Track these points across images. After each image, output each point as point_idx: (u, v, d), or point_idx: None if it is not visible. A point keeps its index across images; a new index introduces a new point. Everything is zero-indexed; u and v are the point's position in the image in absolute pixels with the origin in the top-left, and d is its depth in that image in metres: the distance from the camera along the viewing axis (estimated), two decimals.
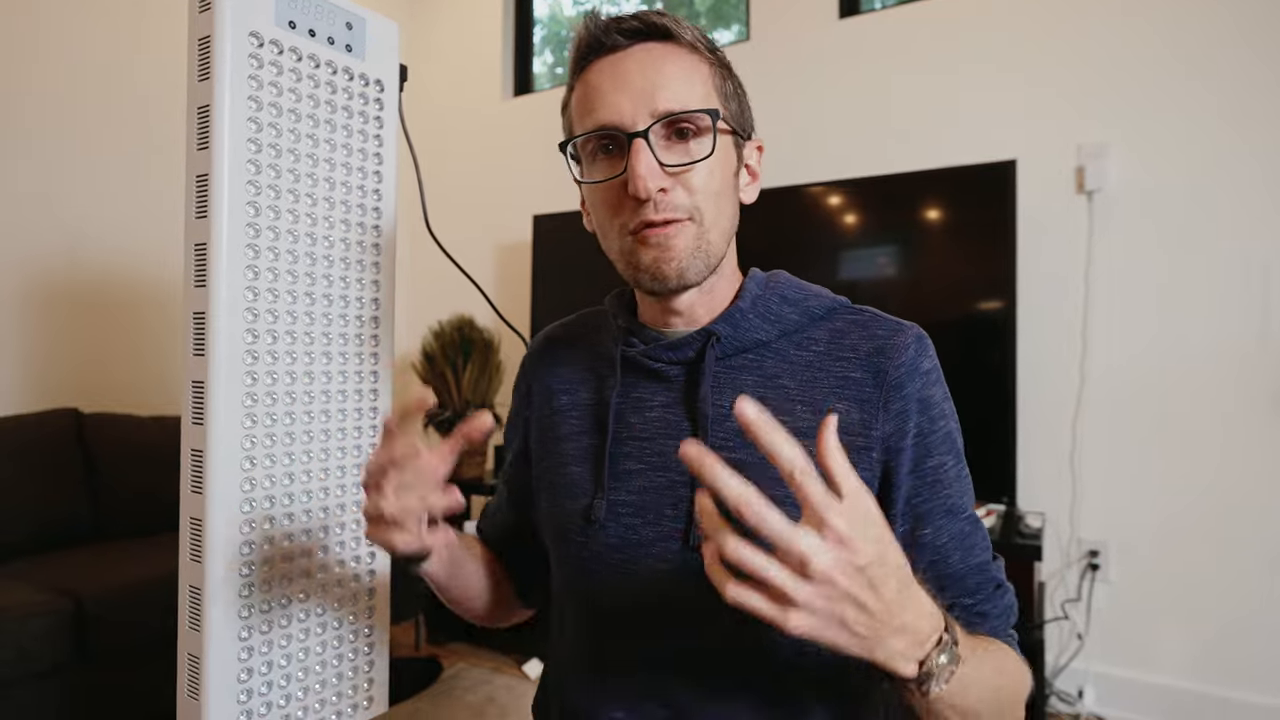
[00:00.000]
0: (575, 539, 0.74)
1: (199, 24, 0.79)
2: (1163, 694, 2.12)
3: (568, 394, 0.80)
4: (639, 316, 0.78)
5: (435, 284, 3.20)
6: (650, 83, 0.65)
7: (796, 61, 2.73)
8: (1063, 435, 2.26)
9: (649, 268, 0.67)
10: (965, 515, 0.71)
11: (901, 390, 0.68)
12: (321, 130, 0.88)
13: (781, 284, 0.75)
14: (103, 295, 2.58)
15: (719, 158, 0.67)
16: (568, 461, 0.77)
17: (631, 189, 0.64)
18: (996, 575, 0.72)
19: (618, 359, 0.75)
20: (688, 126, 0.66)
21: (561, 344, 0.85)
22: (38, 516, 2.13)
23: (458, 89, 3.57)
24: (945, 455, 0.69)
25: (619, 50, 0.67)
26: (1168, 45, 2.16)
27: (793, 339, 0.72)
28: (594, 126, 0.67)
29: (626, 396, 0.75)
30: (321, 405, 0.89)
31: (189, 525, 0.80)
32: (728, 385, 0.71)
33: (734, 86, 0.72)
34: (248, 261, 0.80)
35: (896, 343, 0.69)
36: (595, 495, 0.73)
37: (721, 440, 0.69)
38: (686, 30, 0.68)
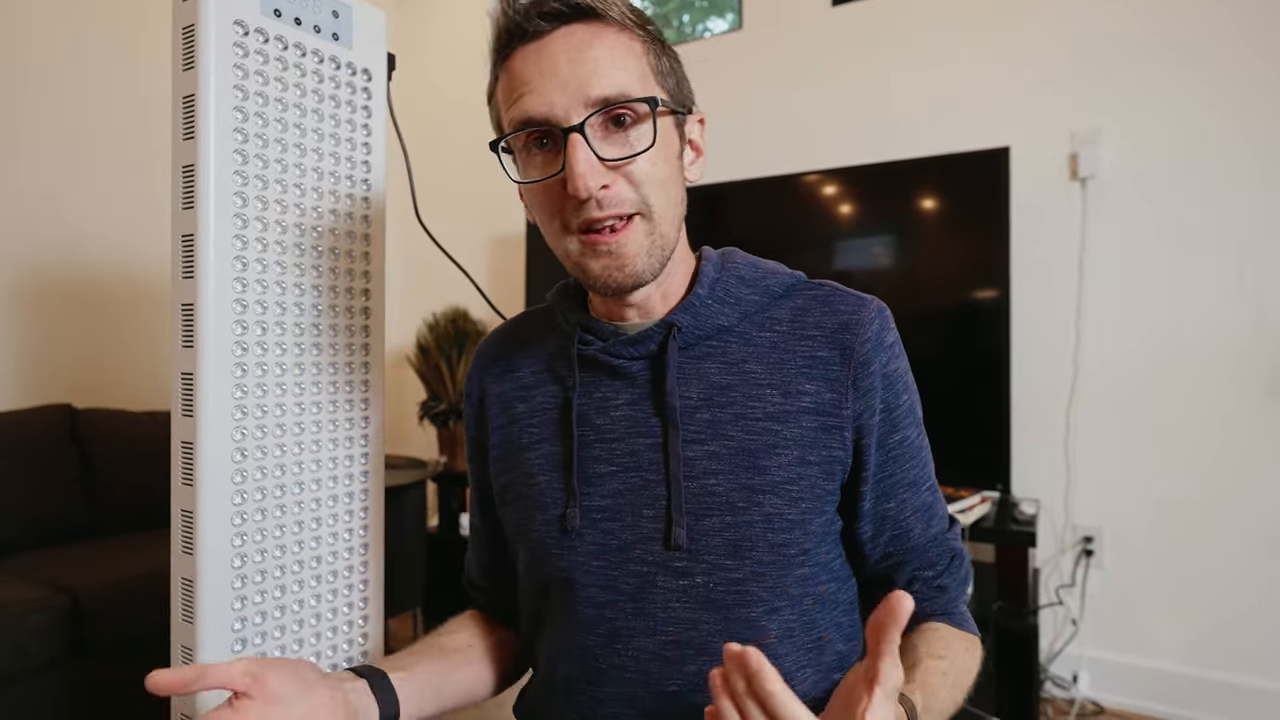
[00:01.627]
0: (552, 551, 0.70)
1: (183, 12, 0.78)
2: (1157, 678, 2.14)
3: (524, 400, 0.76)
4: (591, 310, 0.74)
5: (429, 276, 3.19)
6: (580, 70, 0.60)
7: (789, 50, 2.72)
8: (1056, 422, 2.27)
9: (600, 276, 0.64)
10: (927, 485, 0.72)
11: (869, 366, 0.67)
12: (309, 119, 0.87)
13: (738, 264, 0.72)
14: (96, 291, 2.56)
15: (661, 144, 0.63)
16: (534, 472, 0.73)
17: (571, 188, 0.60)
18: (954, 544, 0.74)
19: (574, 358, 0.71)
20: (625, 114, 0.61)
21: (511, 347, 0.80)
22: (33, 513, 2.13)
23: (449, 79, 3.56)
24: (909, 429, 0.70)
25: (542, 35, 0.62)
26: (1159, 31, 2.15)
27: (754, 320, 0.70)
28: (522, 120, 0.62)
29: (589, 397, 0.71)
30: (312, 396, 0.89)
31: (180, 518, 0.79)
32: (693, 375, 0.68)
33: (669, 62, 0.66)
34: (235, 252, 0.80)
35: (861, 318, 0.68)
36: (568, 504, 0.70)
37: (692, 433, 0.67)
38: (614, 7, 0.62)
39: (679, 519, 0.66)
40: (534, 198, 0.66)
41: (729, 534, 0.65)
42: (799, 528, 0.66)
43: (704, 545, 0.66)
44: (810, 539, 0.67)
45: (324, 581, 0.90)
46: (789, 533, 0.66)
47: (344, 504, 0.93)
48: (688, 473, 0.67)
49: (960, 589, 0.74)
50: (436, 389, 3.00)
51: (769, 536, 0.65)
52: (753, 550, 0.65)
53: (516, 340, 0.81)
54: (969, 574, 0.75)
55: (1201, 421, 2.10)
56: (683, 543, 0.66)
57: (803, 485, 0.66)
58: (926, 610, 0.73)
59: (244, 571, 0.82)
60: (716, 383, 0.68)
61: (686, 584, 0.66)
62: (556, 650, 0.73)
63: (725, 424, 0.67)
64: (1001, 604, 1.94)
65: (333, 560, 0.91)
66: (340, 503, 0.92)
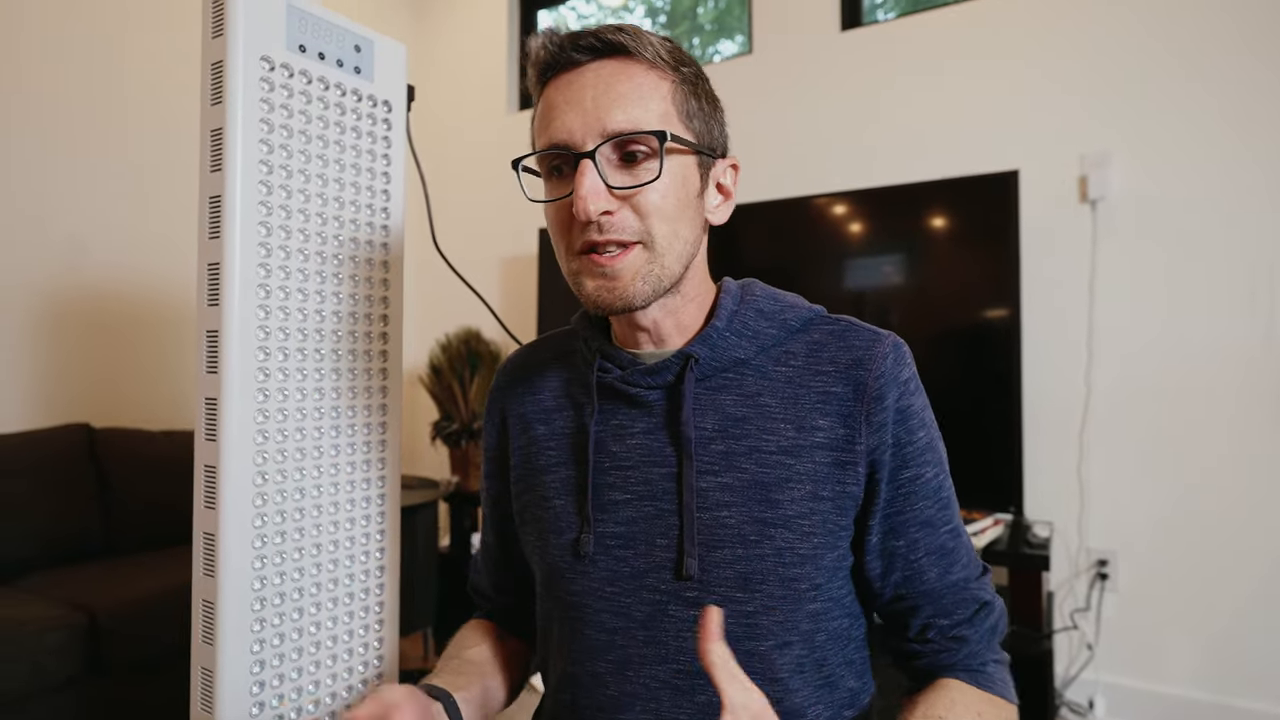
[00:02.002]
0: (565, 575, 0.72)
1: (212, 49, 0.81)
2: (1173, 704, 2.11)
3: (544, 423, 0.78)
4: (612, 336, 0.76)
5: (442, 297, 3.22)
6: (601, 102, 0.63)
7: (799, 73, 2.75)
8: (1069, 444, 2.26)
9: (591, 294, 0.66)
10: (946, 529, 0.70)
11: (882, 401, 0.67)
12: (331, 150, 0.90)
13: (756, 297, 0.73)
14: (113, 311, 2.60)
15: (672, 180, 0.65)
16: (550, 495, 0.74)
17: (574, 210, 0.62)
18: (979, 594, 0.70)
19: (594, 385, 0.73)
20: (638, 148, 0.63)
21: (532, 370, 0.82)
22: (51, 531, 2.15)
23: (463, 104, 3.61)
24: (924, 466, 0.68)
25: (575, 67, 0.65)
26: (1169, 53, 2.17)
27: (771, 354, 0.71)
28: (545, 145, 0.66)
29: (606, 424, 0.72)
30: (331, 420, 0.90)
31: (202, 540, 0.81)
32: (709, 407, 0.69)
33: (701, 103, 0.68)
34: (259, 280, 0.82)
35: (875, 353, 0.68)
36: (582, 530, 0.71)
37: (706, 464, 0.68)
38: (647, 47, 0.64)
39: (691, 549, 0.66)
40: (549, 218, 0.69)
41: (740, 566, 0.66)
42: (810, 562, 0.66)
43: (715, 577, 0.66)
44: (822, 574, 0.67)
45: (341, 603, 0.92)
46: (800, 567, 0.66)
47: (361, 526, 0.94)
48: (701, 504, 0.67)
49: (985, 642, 0.70)
50: (449, 409, 3.02)
51: (780, 570, 0.65)
52: (763, 584, 0.65)
53: (538, 362, 0.82)
54: (998, 627, 0.71)
55: (1215, 441, 2.09)
56: (694, 573, 0.66)
57: (815, 520, 0.66)
58: (942, 663, 0.70)
59: (264, 594, 0.83)
60: (732, 415, 0.69)
61: (697, 614, 0.66)
62: (567, 676, 0.73)
63: (739, 456, 0.67)
64: (1015, 628, 1.93)
65: (349, 581, 0.93)
66: (358, 525, 0.94)
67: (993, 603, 0.71)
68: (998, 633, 0.71)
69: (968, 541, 0.72)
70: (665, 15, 3.35)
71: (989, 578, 0.73)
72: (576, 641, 0.72)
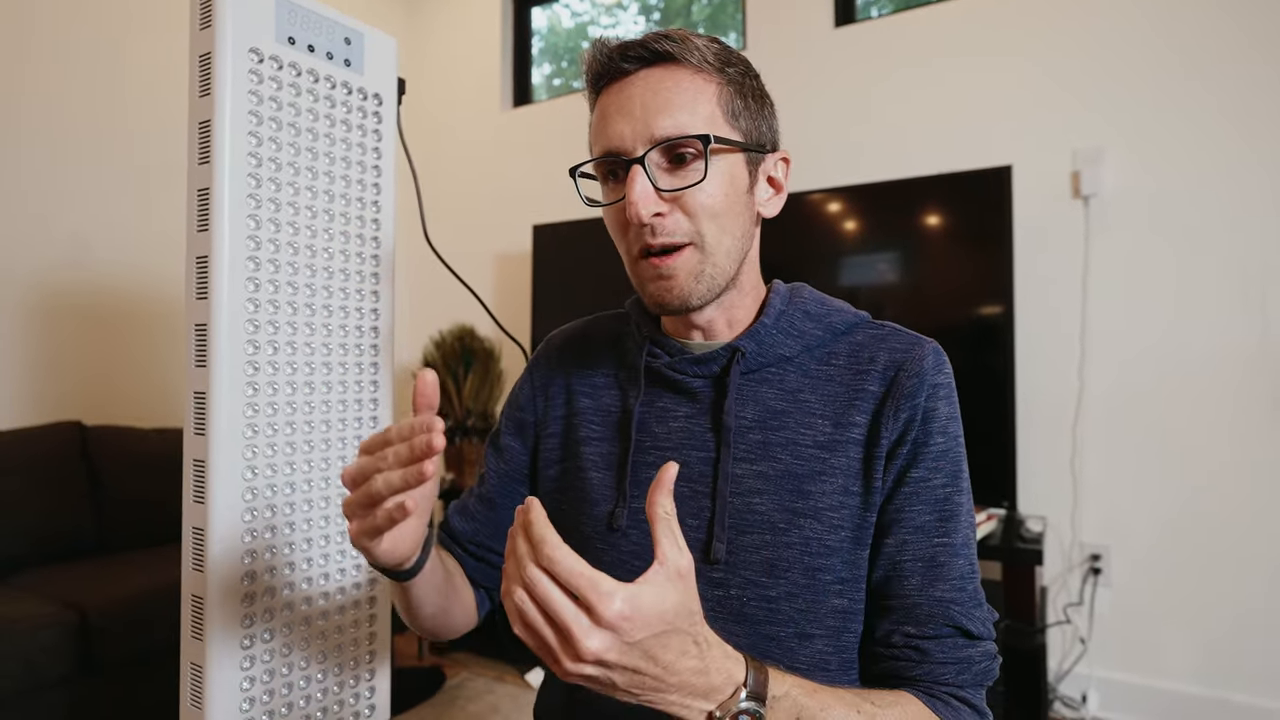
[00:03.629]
0: (596, 545, 0.74)
1: (200, 40, 0.81)
2: (1167, 698, 2.12)
3: (589, 397, 0.81)
4: (661, 325, 0.79)
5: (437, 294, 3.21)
6: (649, 109, 0.66)
7: (793, 70, 2.75)
8: (1063, 439, 2.26)
9: (653, 296, 0.70)
10: (940, 540, 0.67)
11: (912, 399, 0.68)
12: (321, 144, 0.89)
13: (805, 299, 0.76)
14: (105, 308, 2.59)
15: (720, 179, 0.67)
16: (587, 466, 0.77)
17: (626, 214, 0.66)
18: (961, 619, 0.66)
19: (642, 368, 0.76)
20: (686, 151, 0.66)
21: (585, 345, 0.85)
22: (43, 529, 2.14)
23: (457, 100, 3.60)
24: (933, 472, 0.68)
25: (625, 76, 0.69)
26: (1163, 49, 2.17)
27: (815, 354, 0.73)
28: (600, 153, 0.69)
29: (650, 406, 0.76)
30: (322, 415, 0.90)
31: (191, 535, 0.80)
32: (750, 399, 0.72)
33: (748, 101, 0.70)
34: (248, 274, 0.82)
35: (914, 354, 0.70)
36: (617, 503, 0.74)
37: (744, 453, 0.70)
38: (694, 52, 0.68)
39: (720, 534, 0.68)
40: (608, 221, 0.73)
41: (767, 552, 0.67)
42: (837, 555, 0.67)
43: (741, 560, 0.68)
44: (849, 570, 0.68)
45: (332, 599, 0.91)
46: (826, 558, 0.67)
47: None
48: (734, 490, 0.70)
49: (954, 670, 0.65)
50: (443, 406, 3.01)
51: (805, 560, 0.67)
52: (788, 571, 0.67)
53: (590, 340, 0.85)
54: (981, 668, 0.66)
55: (1209, 436, 2.09)
56: (721, 557, 0.68)
57: (844, 514, 0.68)
58: (899, 673, 0.66)
59: (253, 589, 0.82)
60: (772, 408, 0.71)
61: (721, 595, 0.68)
62: None
63: (776, 447, 0.70)
64: (1009, 623, 1.93)
65: (341, 577, 0.92)
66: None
67: (980, 639, 0.67)
68: (975, 671, 0.66)
69: (967, 567, 0.68)
70: (659, 13, 3.34)
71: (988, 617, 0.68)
72: None
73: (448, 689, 2.46)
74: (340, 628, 0.92)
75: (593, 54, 0.70)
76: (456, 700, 2.39)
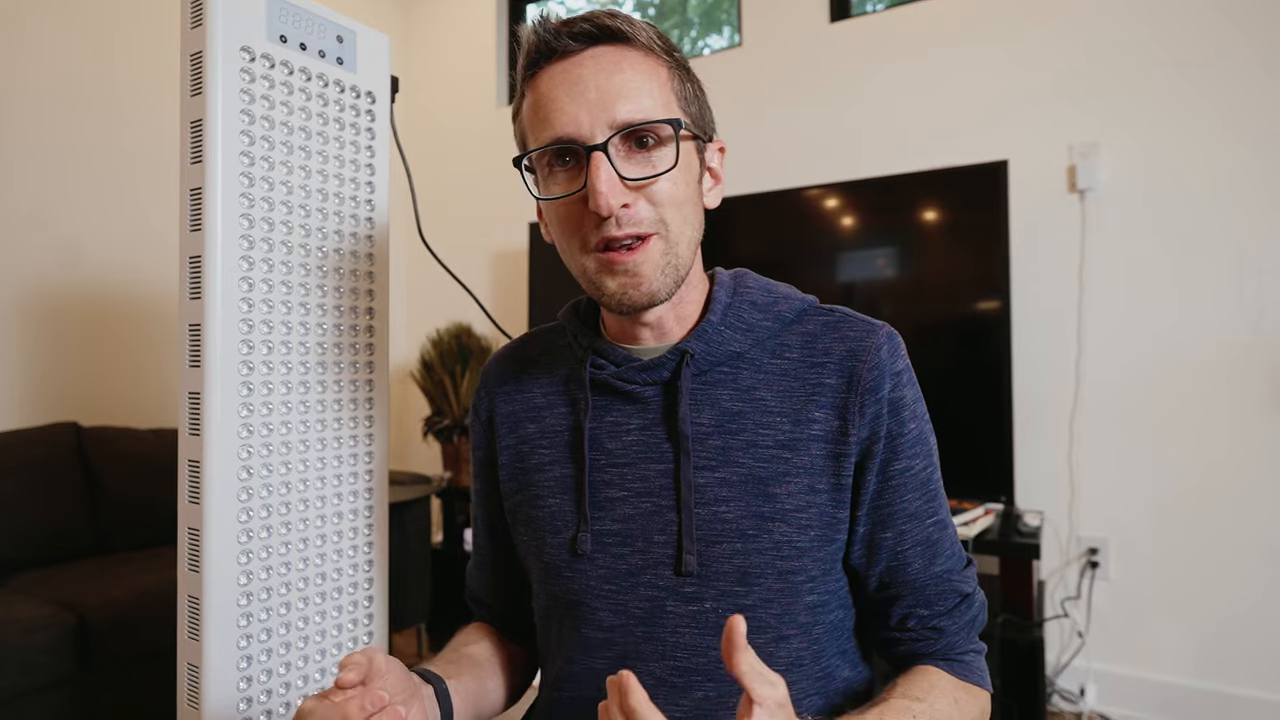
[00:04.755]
0: (563, 574, 0.71)
1: (191, 39, 0.80)
2: (1165, 691, 2.12)
3: (534, 421, 0.76)
4: (603, 331, 0.75)
5: (433, 292, 3.21)
6: (606, 91, 0.61)
7: (788, 65, 2.74)
8: (1060, 433, 2.27)
9: (615, 294, 0.65)
10: (932, 520, 0.69)
11: (876, 393, 0.67)
12: (314, 142, 0.89)
13: (750, 289, 0.73)
14: (101, 309, 2.59)
15: (682, 167, 0.64)
16: (544, 494, 0.73)
17: (592, 205, 0.61)
18: (960, 585, 0.70)
19: (587, 381, 0.72)
20: (649, 136, 0.63)
21: (520, 367, 0.80)
22: (39, 530, 2.14)
23: (451, 98, 3.59)
24: (914, 459, 0.68)
25: (570, 55, 0.63)
26: (1157, 43, 2.17)
27: (766, 346, 0.70)
28: (550, 139, 0.63)
29: (600, 420, 0.71)
30: (317, 414, 0.90)
31: (187, 535, 0.80)
32: (705, 401, 0.69)
33: (693, 88, 0.68)
34: (242, 273, 0.81)
35: (869, 344, 0.68)
36: (579, 528, 0.70)
37: (704, 460, 0.67)
38: (642, 31, 0.64)
39: (690, 546, 0.66)
40: (554, 215, 0.67)
41: (739, 561, 0.65)
42: (808, 555, 0.66)
43: (714, 572, 0.66)
44: (819, 566, 0.67)
45: (329, 598, 0.91)
46: (798, 560, 0.66)
47: (349, 520, 0.94)
48: (699, 499, 0.67)
49: (964, 633, 0.71)
50: (440, 404, 3.01)
51: (778, 564, 0.65)
52: (761, 578, 0.65)
53: (526, 360, 0.81)
54: (978, 618, 0.72)
55: (1205, 430, 2.10)
56: (694, 569, 0.66)
57: (812, 513, 0.66)
58: (920, 651, 0.71)
59: (250, 589, 0.82)
60: (728, 409, 0.68)
61: (696, 609, 0.66)
62: (565, 672, 0.72)
63: (736, 451, 0.67)
64: (1006, 617, 1.94)
65: (337, 576, 0.92)
66: (345, 519, 0.93)
67: (973, 595, 0.71)
68: (977, 624, 0.72)
69: (953, 533, 0.72)
70: (655, 9, 3.34)
71: (973, 569, 0.73)
72: (574, 638, 0.71)
73: None
74: (339, 627, 0.92)
75: (534, 30, 0.64)
76: None
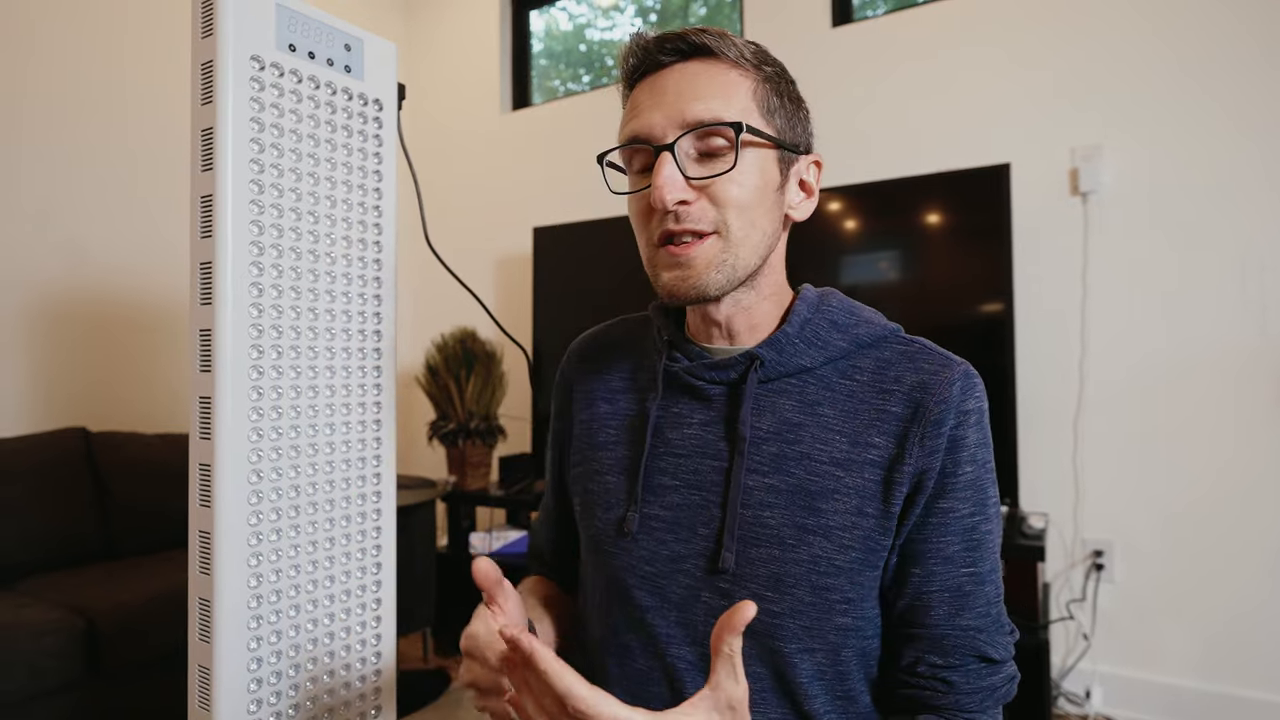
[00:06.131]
0: (607, 549, 0.74)
1: (201, 49, 0.81)
2: (1171, 693, 2.12)
3: (608, 402, 0.81)
4: (685, 328, 0.78)
5: (439, 297, 3.22)
6: (682, 96, 0.66)
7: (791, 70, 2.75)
8: (1064, 435, 2.27)
9: (666, 284, 0.68)
10: (967, 570, 0.68)
11: (939, 427, 0.66)
12: (322, 149, 0.90)
13: (833, 308, 0.74)
14: (109, 315, 2.60)
15: (749, 171, 0.67)
16: (603, 470, 0.78)
17: (652, 200, 0.65)
18: (985, 648, 0.68)
19: (660, 373, 0.76)
20: (717, 140, 0.66)
21: (604, 350, 0.86)
22: (49, 535, 2.15)
23: (457, 104, 3.61)
24: (961, 502, 0.67)
25: (661, 69, 0.69)
26: (1159, 44, 2.17)
27: (838, 366, 0.71)
28: (627, 138, 0.69)
29: (666, 411, 0.75)
30: (326, 418, 0.90)
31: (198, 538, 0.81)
32: (768, 409, 0.70)
33: (783, 101, 0.71)
34: (252, 279, 0.82)
35: (942, 378, 0.68)
36: (629, 507, 0.73)
37: (756, 464, 0.69)
38: (730, 47, 0.67)
39: (729, 544, 0.68)
40: (631, 209, 0.72)
41: (774, 567, 0.66)
42: (845, 575, 0.66)
43: (748, 573, 0.67)
44: (856, 590, 0.67)
45: (338, 600, 0.92)
46: (834, 578, 0.66)
47: (357, 524, 0.94)
48: (745, 501, 0.68)
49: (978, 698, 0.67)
50: (445, 409, 3.02)
51: (812, 578, 0.66)
52: (794, 588, 0.66)
53: (611, 344, 0.85)
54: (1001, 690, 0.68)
55: (1209, 431, 2.10)
56: (729, 567, 0.67)
57: (856, 535, 0.66)
58: (925, 701, 0.68)
59: (260, 591, 0.83)
60: (789, 420, 0.70)
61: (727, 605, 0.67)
62: (598, 645, 0.76)
63: (790, 460, 0.68)
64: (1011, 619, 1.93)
65: (346, 579, 0.93)
66: (354, 522, 0.94)
67: (1001, 664, 0.69)
68: (997, 695, 0.68)
69: (994, 593, 0.69)
70: (656, 14, 3.35)
71: (1010, 639, 0.70)
72: (613, 613, 0.74)
73: (453, 692, 2.46)
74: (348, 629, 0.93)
75: (630, 47, 0.70)
76: (461, 703, 2.39)
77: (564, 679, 0.46)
